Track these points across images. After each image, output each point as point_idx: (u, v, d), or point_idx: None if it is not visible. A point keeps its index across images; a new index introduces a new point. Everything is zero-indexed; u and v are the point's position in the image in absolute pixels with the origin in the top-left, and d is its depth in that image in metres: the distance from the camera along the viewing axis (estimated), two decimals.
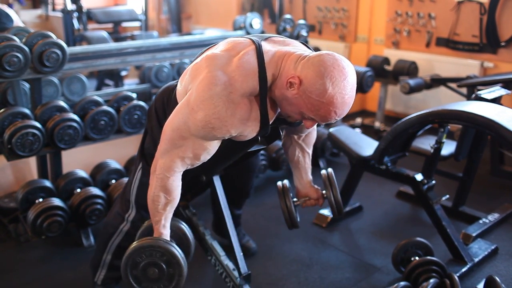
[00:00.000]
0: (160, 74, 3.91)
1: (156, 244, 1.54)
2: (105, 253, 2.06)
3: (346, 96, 1.39)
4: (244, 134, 1.54)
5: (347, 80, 1.39)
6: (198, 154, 1.56)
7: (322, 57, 1.40)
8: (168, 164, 1.57)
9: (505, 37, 3.99)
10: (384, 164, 2.65)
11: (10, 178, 3.03)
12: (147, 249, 1.54)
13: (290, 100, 1.45)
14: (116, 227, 2.02)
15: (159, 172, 1.59)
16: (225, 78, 1.44)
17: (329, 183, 1.95)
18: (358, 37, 5.10)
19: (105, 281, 2.11)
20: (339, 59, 1.40)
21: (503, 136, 2.07)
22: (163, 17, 7.14)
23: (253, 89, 1.47)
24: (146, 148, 1.91)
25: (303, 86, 1.40)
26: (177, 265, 1.55)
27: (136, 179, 1.94)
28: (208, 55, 1.53)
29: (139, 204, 1.96)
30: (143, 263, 1.55)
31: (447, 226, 2.46)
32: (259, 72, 1.47)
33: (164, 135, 1.58)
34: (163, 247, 1.54)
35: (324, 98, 1.37)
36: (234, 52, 1.51)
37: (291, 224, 1.97)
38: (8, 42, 2.48)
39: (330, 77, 1.36)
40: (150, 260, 1.55)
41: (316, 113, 1.41)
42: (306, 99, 1.40)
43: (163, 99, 1.81)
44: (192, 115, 1.47)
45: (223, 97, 1.43)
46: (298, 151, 2.01)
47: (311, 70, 1.39)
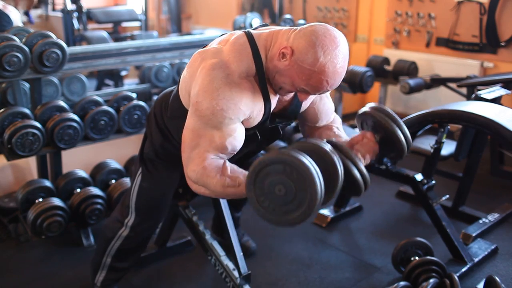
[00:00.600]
0: (160, 74, 3.91)
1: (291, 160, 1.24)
2: (105, 256, 2.06)
3: (337, 65, 1.39)
4: (253, 115, 1.53)
5: (339, 49, 1.39)
6: (222, 143, 1.47)
7: (314, 27, 1.41)
8: (198, 168, 1.47)
9: (505, 37, 3.99)
10: (384, 164, 2.65)
11: (10, 178, 3.03)
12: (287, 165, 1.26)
13: (283, 71, 1.45)
14: (115, 232, 2.02)
15: (199, 180, 1.48)
16: (221, 63, 1.46)
17: (386, 115, 1.58)
18: (358, 37, 5.10)
19: (104, 283, 2.11)
20: (331, 29, 1.41)
21: (503, 136, 2.07)
22: (163, 17, 7.14)
23: (249, 68, 1.48)
24: (146, 153, 1.91)
25: (295, 55, 1.40)
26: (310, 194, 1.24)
27: (136, 184, 1.94)
28: (200, 50, 1.57)
29: (138, 209, 1.96)
30: (274, 177, 1.28)
31: (447, 226, 2.46)
32: (252, 51, 1.48)
33: (184, 144, 1.52)
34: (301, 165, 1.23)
35: (315, 66, 1.38)
36: (223, 41, 1.55)
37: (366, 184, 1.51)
38: (8, 42, 2.48)
39: (321, 45, 1.37)
40: (278, 177, 1.27)
41: (307, 82, 1.41)
42: (298, 68, 1.40)
43: (161, 105, 1.82)
44: (199, 107, 1.47)
45: (223, 79, 1.44)
46: (325, 133, 1.80)
47: (303, 39, 1.39)
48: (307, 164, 1.24)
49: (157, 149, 1.86)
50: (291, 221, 1.29)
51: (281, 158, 1.26)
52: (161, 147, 1.84)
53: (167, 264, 2.49)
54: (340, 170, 1.33)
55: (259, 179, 1.30)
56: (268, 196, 1.29)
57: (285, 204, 1.28)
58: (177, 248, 2.57)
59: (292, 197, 1.27)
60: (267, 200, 1.30)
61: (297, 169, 1.24)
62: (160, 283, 2.36)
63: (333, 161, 1.33)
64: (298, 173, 1.24)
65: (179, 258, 2.55)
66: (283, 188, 1.27)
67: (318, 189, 1.24)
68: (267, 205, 1.30)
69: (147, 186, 1.93)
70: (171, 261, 2.51)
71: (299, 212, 1.27)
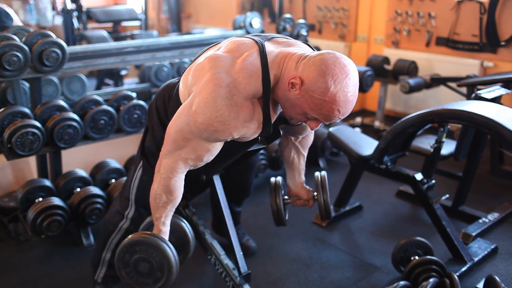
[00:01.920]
0: (160, 74, 3.91)
1: (150, 241, 1.58)
2: (104, 251, 2.06)
3: (349, 94, 1.39)
4: (247, 136, 1.54)
5: (349, 78, 1.38)
6: (201, 155, 1.57)
7: (323, 56, 1.39)
8: (171, 165, 1.59)
9: (505, 37, 3.99)
10: (384, 163, 2.65)
11: (10, 177, 3.03)
12: (141, 244, 1.58)
13: (293, 101, 1.44)
14: (116, 224, 2.02)
15: (162, 172, 1.60)
16: (229, 80, 1.44)
17: (321, 186, 1.99)
18: (358, 36, 5.10)
19: (105, 279, 2.11)
20: (340, 57, 1.40)
21: (502, 135, 2.07)
22: (163, 16, 7.14)
23: (256, 92, 1.47)
24: (147, 146, 1.91)
25: (305, 85, 1.39)
26: (167, 266, 1.59)
27: (136, 177, 1.94)
28: (211, 56, 1.52)
29: (139, 201, 1.96)
30: (136, 257, 1.59)
31: (447, 226, 2.46)
32: (263, 75, 1.46)
33: (168, 136, 1.58)
34: (157, 245, 1.58)
35: (326, 96, 1.37)
36: (237, 53, 1.50)
37: (278, 221, 2.03)
38: (8, 41, 2.48)
39: (331, 75, 1.36)
40: (143, 255, 1.59)
41: (319, 112, 1.41)
42: (309, 98, 1.39)
43: (164, 97, 1.81)
44: (195, 117, 1.46)
45: (226, 99, 1.42)
46: (294, 152, 2.03)
47: (312, 69, 1.38)
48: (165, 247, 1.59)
49: (159, 142, 1.85)
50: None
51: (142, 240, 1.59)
52: (163, 140, 1.84)
53: None
54: (190, 234, 1.82)
55: (125, 261, 1.61)
56: (133, 272, 1.62)
57: (149, 276, 1.62)
58: None
59: (153, 270, 1.60)
60: (133, 274, 1.63)
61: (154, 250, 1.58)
62: None
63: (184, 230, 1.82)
64: (158, 252, 1.58)
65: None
66: (146, 264, 1.60)
67: (173, 261, 1.59)
68: (135, 278, 1.63)
69: (148, 180, 1.92)
70: None
71: (162, 281, 1.61)
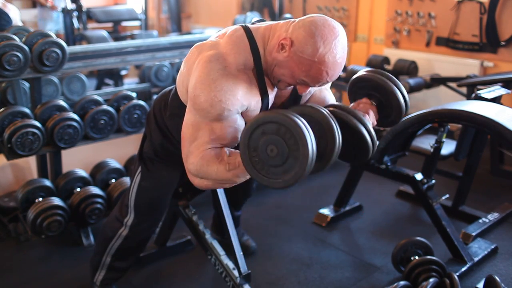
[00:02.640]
0: (160, 74, 3.91)
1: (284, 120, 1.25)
2: (104, 255, 2.06)
3: (337, 56, 1.39)
4: (251, 107, 1.51)
5: (338, 40, 1.39)
6: (223, 134, 1.47)
7: (313, 18, 1.41)
8: (197, 160, 1.47)
9: (505, 37, 3.99)
10: (384, 163, 2.65)
11: (10, 177, 3.03)
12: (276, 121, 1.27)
13: (282, 63, 1.44)
14: (115, 231, 2.02)
15: (199, 172, 1.47)
16: (218, 55, 1.45)
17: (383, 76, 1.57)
18: (358, 36, 5.10)
19: (103, 282, 2.11)
20: (330, 20, 1.41)
21: (502, 135, 2.07)
22: (163, 16, 7.14)
23: (246, 61, 1.47)
24: (145, 152, 1.91)
25: (294, 46, 1.39)
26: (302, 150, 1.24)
27: (135, 183, 1.94)
28: (196, 44, 1.56)
29: (138, 208, 1.96)
30: (267, 137, 1.28)
31: (447, 226, 2.46)
32: (250, 44, 1.48)
33: (184, 136, 1.52)
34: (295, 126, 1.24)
35: (315, 57, 1.37)
36: (220, 35, 1.54)
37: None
38: (8, 41, 2.48)
39: (321, 36, 1.37)
40: (273, 137, 1.27)
41: (307, 73, 1.41)
42: (298, 59, 1.40)
43: (160, 104, 1.81)
44: (196, 100, 1.45)
45: (220, 70, 1.43)
46: None
47: (302, 30, 1.39)
48: (300, 124, 1.24)
49: (157, 148, 1.86)
50: (282, 183, 1.29)
51: (275, 118, 1.27)
52: (160, 146, 1.84)
53: (167, 263, 2.49)
54: (337, 135, 1.34)
55: (252, 139, 1.30)
56: (261, 157, 1.29)
57: (278, 165, 1.29)
58: (177, 247, 2.57)
59: (284, 158, 1.27)
60: (260, 161, 1.30)
61: (290, 129, 1.25)
62: (160, 283, 2.36)
63: (331, 124, 1.34)
64: (291, 133, 1.25)
65: (179, 258, 2.55)
66: (276, 149, 1.27)
67: (310, 151, 1.24)
68: (260, 166, 1.30)
69: (146, 185, 1.93)
70: (171, 261, 2.51)
71: (291, 174, 1.27)
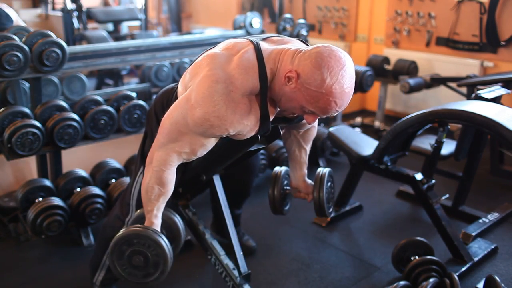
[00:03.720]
0: (160, 74, 3.91)
1: (143, 234, 1.56)
2: (104, 255, 2.06)
3: (345, 86, 1.39)
4: (243, 133, 1.54)
5: (345, 70, 1.39)
6: (195, 149, 1.57)
7: (318, 49, 1.41)
8: (164, 157, 1.58)
9: (505, 37, 3.99)
10: (384, 163, 2.65)
11: (10, 177, 3.03)
12: (134, 237, 1.57)
13: (289, 95, 1.45)
14: (116, 230, 2.01)
15: (155, 165, 1.59)
16: (226, 77, 1.45)
17: (319, 182, 1.96)
18: (358, 36, 5.10)
19: (103, 282, 2.11)
20: (336, 50, 1.41)
21: (502, 135, 2.07)
22: (163, 16, 7.14)
23: (253, 87, 1.47)
24: (146, 151, 1.90)
25: (301, 79, 1.40)
26: (161, 255, 1.57)
27: (137, 182, 1.94)
28: (208, 54, 1.54)
29: (139, 207, 1.95)
30: (129, 250, 1.58)
31: (447, 226, 2.46)
32: (259, 70, 1.47)
33: (162, 128, 1.58)
34: (151, 237, 1.56)
35: (322, 88, 1.37)
36: (233, 51, 1.51)
37: (273, 209, 2.05)
38: (8, 41, 2.48)
39: (327, 67, 1.37)
40: (136, 248, 1.57)
41: (316, 105, 1.41)
42: (305, 91, 1.40)
43: (162, 102, 1.81)
44: (191, 111, 1.47)
45: (224, 95, 1.43)
46: (295, 145, 2.02)
47: (308, 62, 1.39)
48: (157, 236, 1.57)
49: None
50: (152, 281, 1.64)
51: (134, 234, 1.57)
52: None
53: None
54: (180, 225, 1.82)
55: (116, 255, 1.59)
56: (128, 266, 1.60)
57: (144, 269, 1.61)
58: None
59: (148, 263, 1.59)
60: (128, 269, 1.61)
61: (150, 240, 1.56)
62: (160, 283, 2.35)
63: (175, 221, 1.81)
64: (154, 245, 1.57)
65: (179, 258, 2.54)
66: (141, 257, 1.58)
67: (168, 254, 1.58)
68: (129, 272, 1.62)
69: None
70: None
71: (158, 273, 1.61)
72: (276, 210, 2.05)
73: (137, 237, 1.57)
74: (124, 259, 1.59)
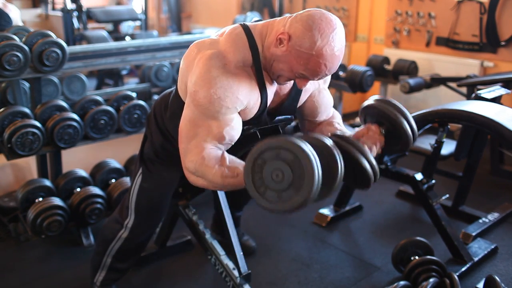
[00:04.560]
0: (160, 74, 3.91)
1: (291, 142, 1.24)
2: (105, 256, 2.06)
3: (335, 48, 1.41)
4: (250, 105, 1.53)
5: (336, 32, 1.40)
6: (220, 132, 1.48)
7: (310, 12, 1.42)
8: (197, 156, 1.46)
9: (505, 37, 3.99)
10: (384, 163, 2.65)
11: (10, 177, 3.02)
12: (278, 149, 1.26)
13: (280, 57, 1.45)
14: (115, 234, 2.02)
15: (197, 170, 1.46)
16: (217, 53, 1.47)
17: (392, 106, 1.60)
18: (358, 36, 5.10)
19: (104, 282, 2.11)
20: (327, 13, 1.43)
21: (503, 135, 2.07)
22: (163, 16, 7.14)
23: (245, 58, 1.50)
24: (146, 153, 1.91)
25: (292, 41, 1.41)
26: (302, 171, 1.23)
27: (136, 184, 1.94)
28: (195, 42, 1.58)
29: (138, 210, 1.96)
30: (271, 163, 1.27)
31: (447, 226, 2.46)
32: (248, 41, 1.50)
33: (181, 133, 1.52)
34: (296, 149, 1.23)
35: (313, 50, 1.39)
36: (220, 33, 1.57)
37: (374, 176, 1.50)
38: (8, 41, 2.48)
39: (318, 29, 1.38)
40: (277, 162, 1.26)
41: (306, 67, 1.42)
42: (296, 53, 1.41)
43: (161, 105, 1.82)
44: (196, 96, 1.47)
45: (220, 68, 1.45)
46: (329, 128, 1.80)
47: (299, 24, 1.41)
48: (304, 148, 1.22)
49: (157, 150, 1.86)
50: (288, 207, 1.28)
51: (278, 144, 1.25)
52: (161, 148, 1.84)
53: (167, 263, 2.49)
54: (340, 164, 1.31)
55: (257, 165, 1.28)
56: (266, 183, 1.28)
57: (283, 190, 1.26)
58: (177, 247, 2.57)
59: (289, 183, 1.25)
60: (263, 186, 1.28)
61: (294, 153, 1.23)
62: (160, 283, 2.36)
63: (334, 155, 1.31)
64: (295, 157, 1.23)
65: (179, 258, 2.55)
66: (281, 174, 1.25)
67: (316, 175, 1.22)
68: (264, 191, 1.29)
69: (147, 187, 1.93)
70: (171, 261, 2.51)
71: (296, 199, 1.25)
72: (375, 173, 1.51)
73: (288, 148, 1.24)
74: (262, 173, 1.27)
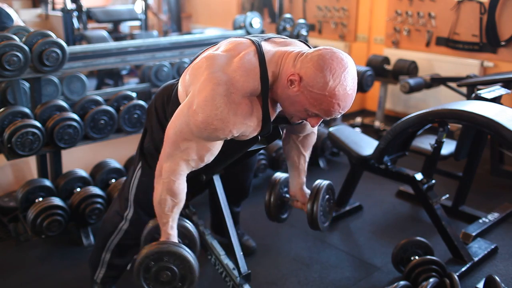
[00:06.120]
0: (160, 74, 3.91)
1: (166, 249, 1.57)
2: (104, 252, 2.06)
3: (348, 88, 1.40)
4: (246, 134, 1.54)
5: (347, 71, 1.39)
6: (202, 155, 1.57)
7: (320, 52, 1.41)
8: (173, 167, 1.58)
9: (505, 37, 3.99)
10: (384, 163, 2.65)
11: (10, 177, 3.03)
12: (157, 255, 1.57)
13: (292, 98, 1.45)
14: (115, 226, 2.02)
15: (165, 176, 1.59)
16: (226, 79, 1.44)
17: (314, 195, 1.94)
18: (358, 36, 5.10)
19: (104, 280, 2.11)
20: (337, 52, 1.41)
21: (503, 135, 2.07)
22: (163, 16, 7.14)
23: (254, 89, 1.47)
24: (146, 147, 1.91)
25: (304, 82, 1.40)
26: (188, 268, 1.59)
27: (136, 177, 1.94)
28: (208, 55, 1.53)
29: (138, 202, 1.96)
30: (155, 268, 1.57)
31: (447, 226, 2.47)
32: (261, 72, 1.47)
33: (167, 138, 1.58)
34: (174, 251, 1.57)
35: (326, 90, 1.38)
36: (234, 52, 1.51)
37: (269, 216, 2.09)
38: (8, 41, 2.48)
39: (329, 69, 1.37)
40: (162, 265, 1.57)
41: (319, 107, 1.41)
42: (308, 94, 1.40)
43: (163, 98, 1.81)
44: (194, 117, 1.46)
45: (225, 97, 1.43)
46: (295, 151, 2.01)
47: (310, 65, 1.39)
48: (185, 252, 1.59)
49: (158, 144, 1.85)
50: None
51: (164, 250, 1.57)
52: (161, 142, 1.84)
53: None
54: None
55: (143, 271, 1.58)
56: (156, 283, 1.60)
57: (171, 285, 1.60)
58: None
59: (176, 279, 1.59)
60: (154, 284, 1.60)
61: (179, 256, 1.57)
62: None
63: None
64: (180, 259, 1.57)
65: None
66: (169, 273, 1.58)
67: (195, 266, 1.59)
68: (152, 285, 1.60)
69: (147, 181, 1.92)
70: None
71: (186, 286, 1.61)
72: (272, 216, 2.06)
73: (167, 254, 1.57)
74: (151, 276, 1.59)
